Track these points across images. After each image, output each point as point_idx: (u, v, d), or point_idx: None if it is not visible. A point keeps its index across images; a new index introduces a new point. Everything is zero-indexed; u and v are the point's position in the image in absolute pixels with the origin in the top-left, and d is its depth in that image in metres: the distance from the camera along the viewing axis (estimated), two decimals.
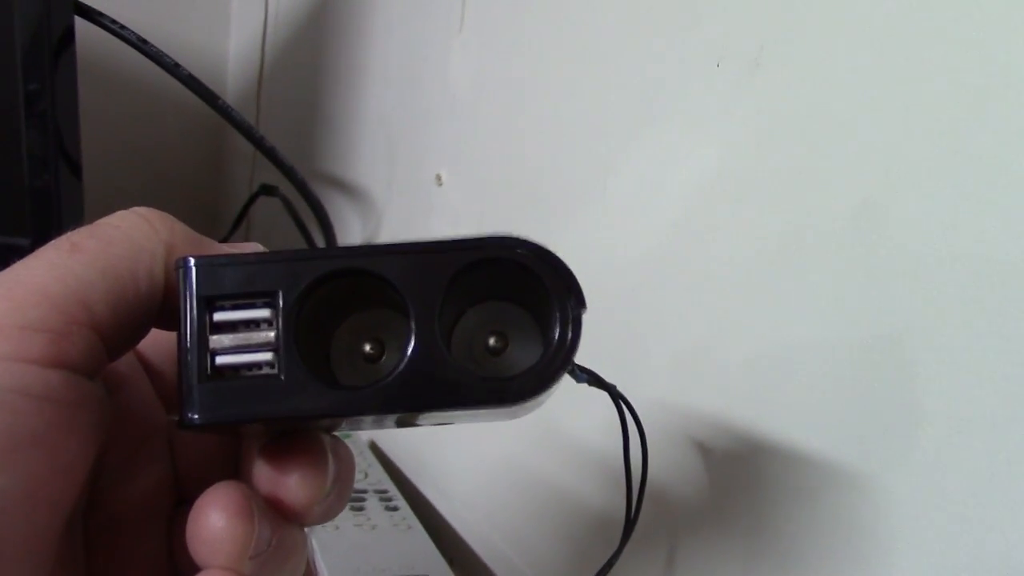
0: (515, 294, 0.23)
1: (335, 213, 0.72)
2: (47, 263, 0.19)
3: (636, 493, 0.34)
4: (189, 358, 0.20)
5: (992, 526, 0.28)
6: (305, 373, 0.20)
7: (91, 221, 0.21)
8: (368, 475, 0.59)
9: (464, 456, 0.59)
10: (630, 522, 0.34)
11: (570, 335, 0.21)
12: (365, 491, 0.57)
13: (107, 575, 0.22)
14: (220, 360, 0.20)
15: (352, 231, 0.73)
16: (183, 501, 0.25)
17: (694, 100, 0.40)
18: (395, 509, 0.54)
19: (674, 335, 0.41)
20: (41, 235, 0.60)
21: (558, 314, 0.21)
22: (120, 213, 0.21)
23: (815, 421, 0.34)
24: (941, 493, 0.30)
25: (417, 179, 0.64)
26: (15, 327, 0.18)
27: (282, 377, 0.20)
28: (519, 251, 0.21)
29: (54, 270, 0.19)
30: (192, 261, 0.20)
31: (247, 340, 0.20)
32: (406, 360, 0.20)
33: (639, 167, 0.43)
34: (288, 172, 0.65)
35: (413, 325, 0.20)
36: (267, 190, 0.77)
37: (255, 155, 0.91)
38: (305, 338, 0.21)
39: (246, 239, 0.94)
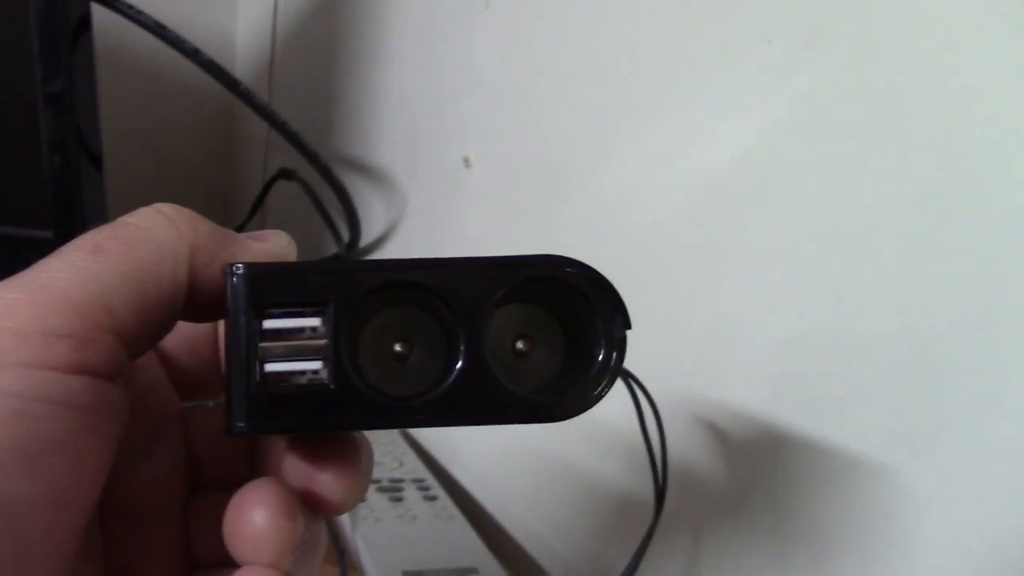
0: (541, 298, 0.23)
1: (356, 197, 0.70)
2: (70, 266, 0.19)
3: (660, 464, 0.36)
4: (238, 365, 0.19)
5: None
6: (355, 383, 0.20)
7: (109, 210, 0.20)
8: (403, 464, 0.59)
9: (497, 441, 0.58)
10: (660, 492, 0.36)
11: (615, 356, 0.21)
12: (402, 480, 0.56)
13: (124, 563, 0.22)
14: (269, 367, 0.20)
15: (375, 216, 0.72)
16: (199, 486, 0.25)
17: (742, 77, 0.39)
18: (434, 499, 0.54)
19: (707, 314, 0.41)
20: (63, 227, 0.59)
21: (604, 336, 0.21)
22: (143, 211, 0.21)
23: (849, 410, 0.34)
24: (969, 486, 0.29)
25: (443, 161, 0.62)
26: (37, 334, 0.17)
27: (332, 386, 0.20)
28: (568, 270, 0.21)
29: (77, 274, 0.18)
30: (242, 268, 0.19)
31: (297, 348, 0.20)
32: (454, 375, 0.21)
33: (680, 146, 0.42)
34: (312, 157, 0.63)
35: (463, 343, 0.21)
36: (286, 174, 0.75)
37: (268, 139, 0.90)
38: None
39: (262, 225, 0.93)
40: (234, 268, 0.19)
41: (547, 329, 0.23)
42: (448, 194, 0.62)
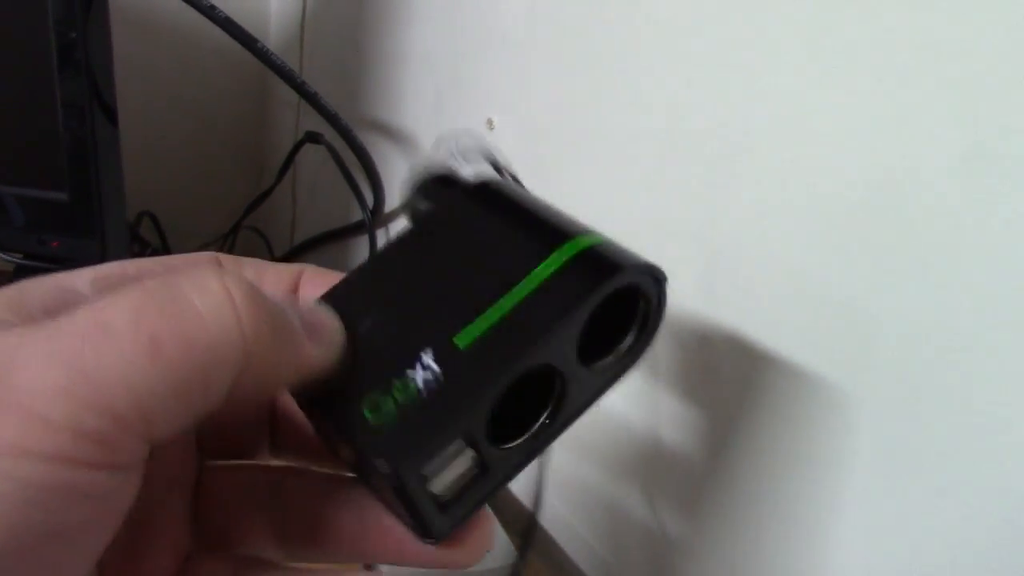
0: None
1: (382, 160, 0.68)
2: (121, 360, 0.17)
3: None
4: (422, 511, 0.21)
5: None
6: (497, 457, 0.22)
7: (129, 170, 0.18)
8: None
9: None
10: None
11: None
12: None
13: (127, 543, 0.22)
14: (435, 488, 0.21)
15: (399, 179, 0.70)
16: (210, 457, 0.25)
17: (784, 30, 0.36)
18: None
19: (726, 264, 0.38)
20: (79, 189, 0.58)
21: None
22: (209, 285, 0.18)
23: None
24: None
25: (466, 124, 0.60)
26: (70, 430, 0.16)
27: (478, 470, 0.22)
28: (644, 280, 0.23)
29: (126, 373, 0.17)
30: (397, 470, 0.20)
31: (458, 470, 0.22)
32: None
33: (721, 105, 0.39)
34: (332, 119, 0.62)
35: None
36: (312, 137, 0.74)
37: (299, 102, 0.88)
38: None
39: (292, 188, 0.91)
40: (390, 471, 0.20)
41: None
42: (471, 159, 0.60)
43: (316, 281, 0.25)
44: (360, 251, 0.74)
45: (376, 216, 0.70)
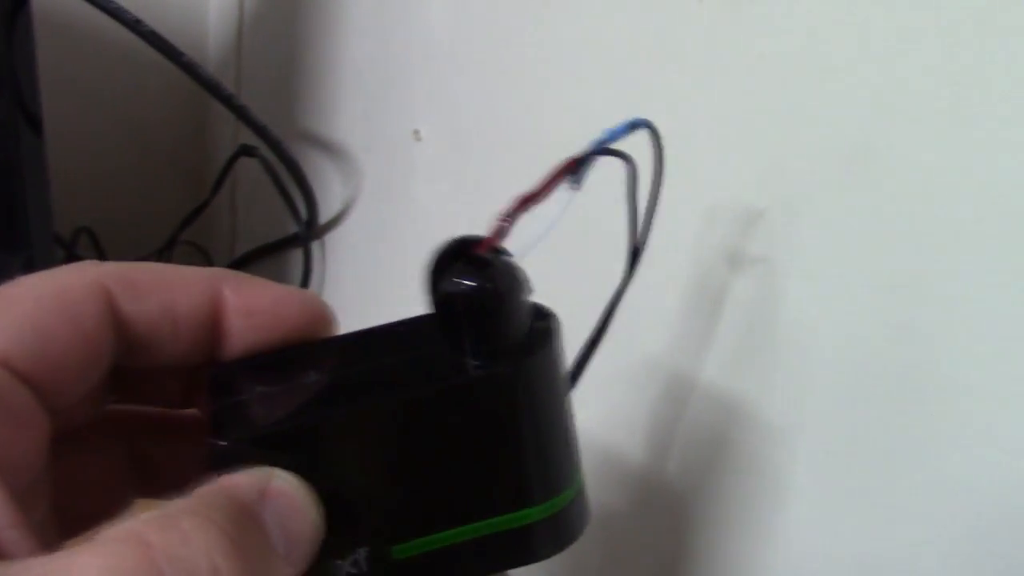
0: None
1: (315, 173, 0.69)
2: None
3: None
4: None
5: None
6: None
7: (66, 187, 0.16)
8: None
9: None
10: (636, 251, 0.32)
11: None
12: None
13: None
14: None
15: (332, 193, 0.70)
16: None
17: (675, 38, 0.37)
18: None
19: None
20: (2, 202, 0.58)
21: None
22: (191, 557, 0.16)
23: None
24: None
25: (394, 135, 0.61)
26: None
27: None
28: None
29: None
30: None
31: None
32: None
33: (631, 112, 0.40)
34: (261, 131, 0.62)
35: None
36: (247, 151, 0.74)
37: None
38: None
39: (231, 201, 0.91)
40: None
41: None
42: (400, 169, 0.60)
43: (242, 300, 0.23)
44: (297, 264, 0.74)
45: (311, 228, 0.70)
